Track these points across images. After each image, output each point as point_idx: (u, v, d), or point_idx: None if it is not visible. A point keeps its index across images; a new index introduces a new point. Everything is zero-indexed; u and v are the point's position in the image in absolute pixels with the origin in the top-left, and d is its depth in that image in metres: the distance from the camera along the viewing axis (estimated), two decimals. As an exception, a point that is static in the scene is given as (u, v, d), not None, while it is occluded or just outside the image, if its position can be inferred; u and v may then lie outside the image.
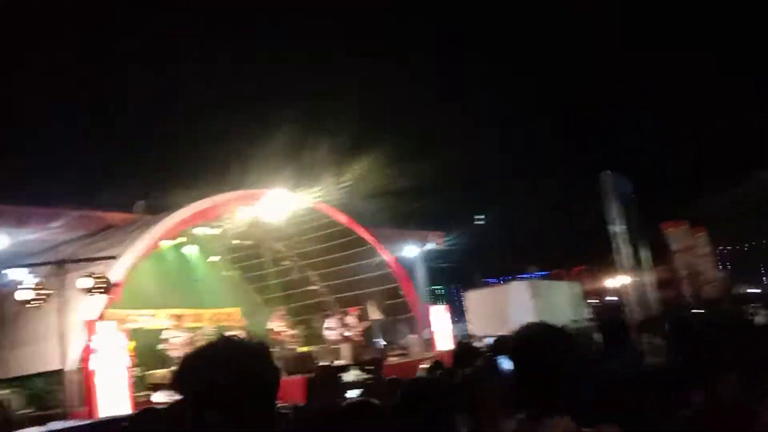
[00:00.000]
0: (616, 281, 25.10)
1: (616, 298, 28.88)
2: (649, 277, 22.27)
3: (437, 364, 6.34)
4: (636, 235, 22.29)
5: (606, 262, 27.62)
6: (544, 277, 29.38)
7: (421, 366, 6.39)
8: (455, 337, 19.08)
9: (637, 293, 21.68)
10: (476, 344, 17.09)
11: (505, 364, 3.63)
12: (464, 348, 5.80)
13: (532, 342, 2.40)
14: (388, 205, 20.28)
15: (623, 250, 21.95)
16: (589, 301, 33.01)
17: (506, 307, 23.64)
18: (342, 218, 16.56)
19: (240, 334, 9.44)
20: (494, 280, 28.99)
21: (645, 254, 22.37)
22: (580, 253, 35.26)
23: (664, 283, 23.72)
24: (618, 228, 21.86)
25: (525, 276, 27.76)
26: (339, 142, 19.03)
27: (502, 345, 4.80)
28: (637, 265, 22.03)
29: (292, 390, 11.87)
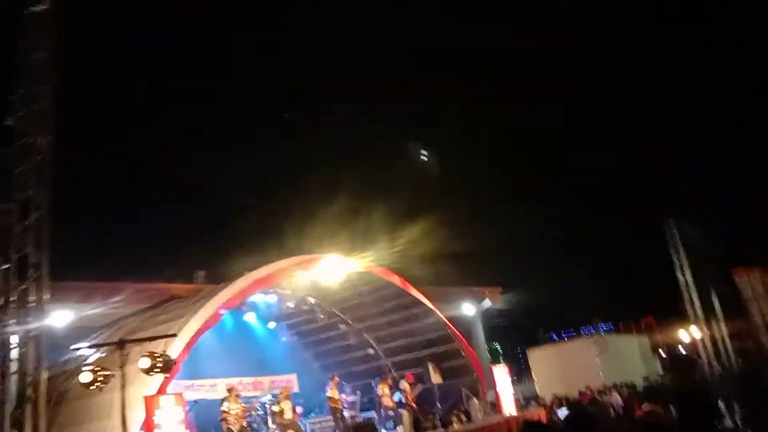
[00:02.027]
0: (688, 333, 23.86)
1: (685, 353, 27.41)
2: (724, 328, 21.10)
3: None
4: (707, 283, 21.32)
5: (676, 313, 26.36)
6: (610, 331, 28.17)
7: None
8: (517, 399, 18.38)
9: (711, 345, 20.54)
10: (538, 411, 16.36)
11: None
12: (537, 428, 4.81)
13: None
14: (445, 264, 20.11)
15: (693, 299, 20.98)
16: (660, 354, 31.43)
17: (572, 365, 22.77)
18: (395, 280, 16.46)
19: (288, 404, 9.22)
20: (558, 336, 27.95)
21: (717, 303, 21.29)
22: (648, 304, 33.76)
23: (740, 333, 22.36)
24: (687, 277, 20.98)
25: (590, 330, 26.68)
26: (393, 206, 19.18)
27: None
28: (709, 315, 20.95)
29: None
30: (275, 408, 14.15)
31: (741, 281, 32.65)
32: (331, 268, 15.29)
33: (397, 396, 16.02)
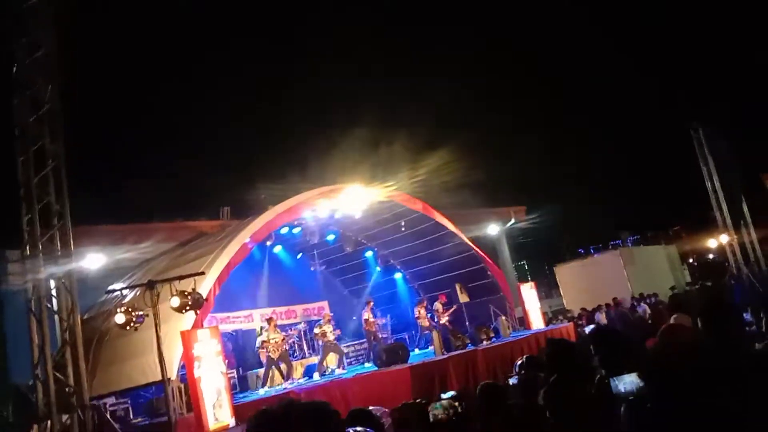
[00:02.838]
0: (717, 240, 23.67)
1: (714, 259, 27.27)
2: (753, 233, 20.85)
3: (531, 361, 5.80)
4: (735, 190, 20.93)
5: (704, 221, 26.07)
6: (636, 242, 28.08)
7: (517, 362, 5.96)
8: (545, 314, 18.67)
9: (740, 251, 20.37)
10: (566, 326, 16.61)
11: (626, 385, 3.14)
12: (560, 347, 4.60)
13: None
14: (468, 189, 19.99)
15: (722, 206, 20.68)
16: (689, 262, 31.36)
17: (599, 278, 22.91)
18: (417, 205, 16.50)
19: (329, 327, 9.56)
20: (584, 251, 27.97)
21: (746, 209, 20.96)
22: (676, 213, 33.35)
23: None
24: (715, 184, 20.60)
25: (616, 243, 26.63)
26: (415, 136, 18.92)
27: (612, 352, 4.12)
28: (737, 222, 20.68)
29: (393, 382, 12.06)
30: (317, 330, 14.65)
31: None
32: (354, 198, 15.36)
33: (427, 317, 16.44)
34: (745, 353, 3.60)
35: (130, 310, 8.50)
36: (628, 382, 3.09)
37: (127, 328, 8.51)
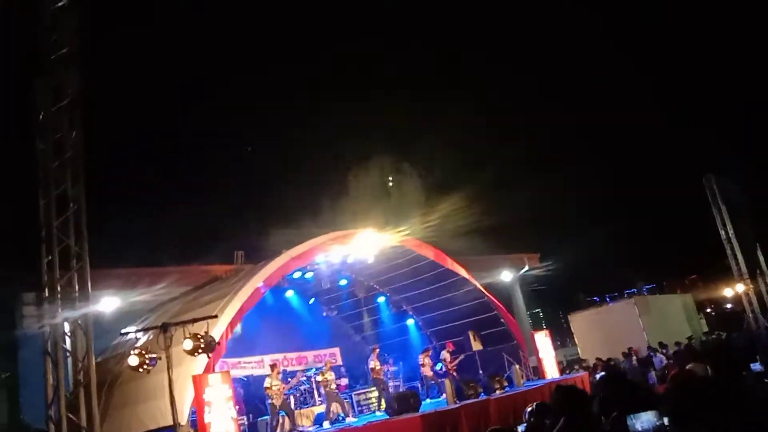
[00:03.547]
0: (733, 289, 23.38)
1: (731, 308, 26.88)
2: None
3: (542, 408, 5.72)
4: (749, 238, 20.82)
5: (720, 270, 25.81)
6: (652, 291, 27.77)
7: (527, 409, 5.89)
8: (560, 363, 18.40)
9: (756, 299, 20.10)
10: (581, 375, 16.37)
11: (643, 423, 3.18)
12: (568, 392, 4.57)
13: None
14: (480, 235, 20.02)
15: (737, 255, 20.54)
16: (706, 312, 30.89)
17: (615, 328, 22.62)
18: (430, 252, 16.56)
19: (331, 375, 9.49)
20: (599, 299, 27.69)
21: (761, 257, 20.82)
22: (692, 262, 33.03)
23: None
24: (729, 232, 20.52)
25: (632, 291, 26.35)
26: (425, 181, 19.15)
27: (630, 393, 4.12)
28: (754, 270, 20.50)
29: (405, 431, 11.88)
30: (319, 378, 14.55)
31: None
32: (366, 243, 15.50)
33: (439, 365, 16.26)
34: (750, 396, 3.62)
35: (143, 352, 8.57)
36: (645, 420, 3.12)
37: (140, 370, 8.56)
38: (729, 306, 28.78)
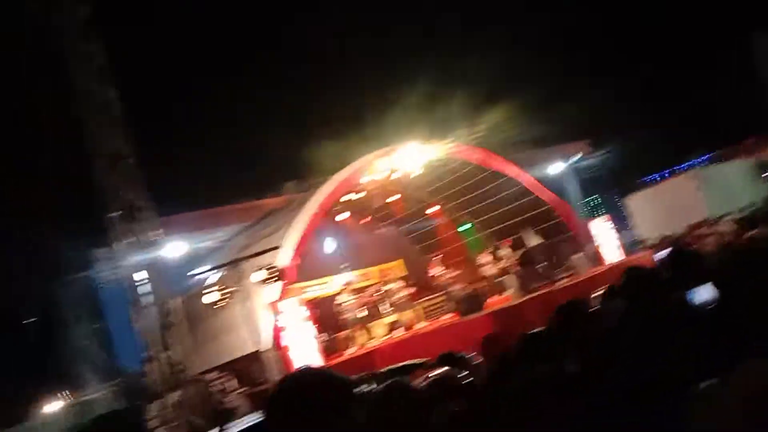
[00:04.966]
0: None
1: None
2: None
3: (612, 291, 5.74)
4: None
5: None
6: (710, 161, 26.93)
7: (594, 295, 5.92)
8: (623, 245, 18.32)
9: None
10: (644, 255, 16.33)
11: (702, 294, 3.10)
12: (635, 274, 4.54)
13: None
14: (526, 129, 19.60)
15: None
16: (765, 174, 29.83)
17: (674, 204, 22.21)
18: (477, 155, 16.44)
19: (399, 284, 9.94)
20: (655, 177, 27.08)
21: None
22: (747, 124, 31.62)
23: None
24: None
25: (688, 165, 25.66)
26: (472, 90, 18.71)
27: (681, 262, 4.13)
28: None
29: (474, 330, 12.30)
30: (388, 288, 15.09)
31: None
32: (411, 156, 15.46)
33: (495, 265, 16.52)
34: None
35: (218, 289, 9.05)
36: (703, 293, 3.13)
37: (217, 306, 9.07)
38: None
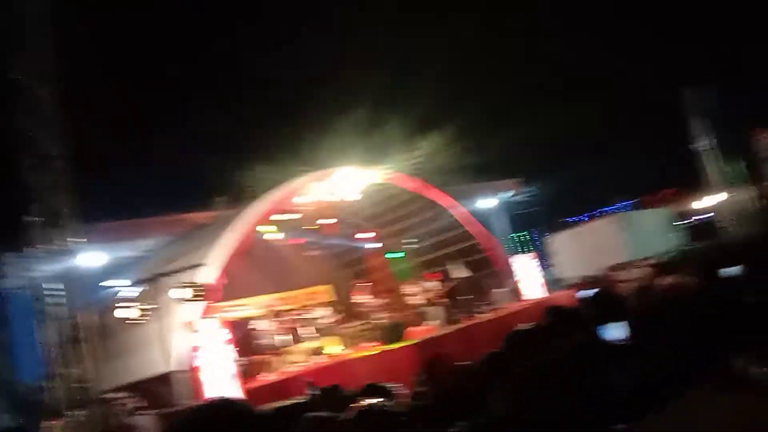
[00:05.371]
0: (710, 200, 23.84)
1: (707, 215, 27.43)
2: (750, 191, 21.02)
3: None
4: (728, 148, 21.05)
5: (698, 182, 26.23)
6: (631, 207, 28.24)
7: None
8: (542, 283, 18.83)
9: (735, 209, 20.50)
10: (565, 293, 16.83)
11: (614, 332, 3.24)
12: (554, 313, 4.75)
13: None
14: (461, 163, 20.02)
15: (714, 166, 20.79)
16: (684, 224, 31.52)
17: (595, 246, 23.07)
18: (413, 184, 16.59)
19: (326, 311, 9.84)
20: (579, 219, 28.15)
21: (738, 168, 21.13)
22: (670, 176, 33.51)
23: (763, 195, 22.28)
24: (706, 144, 20.69)
25: (610, 209, 26.82)
26: (408, 119, 18.96)
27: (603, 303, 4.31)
28: (731, 181, 20.80)
29: (395, 360, 12.23)
30: (315, 314, 14.87)
31: (760, 142, 32.13)
32: (348, 181, 15.46)
33: (421, 296, 16.62)
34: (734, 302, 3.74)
35: (134, 304, 8.62)
36: (616, 331, 3.26)
37: (132, 322, 8.63)
38: (705, 217, 29.37)
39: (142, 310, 8.55)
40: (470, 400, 3.08)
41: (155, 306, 8.22)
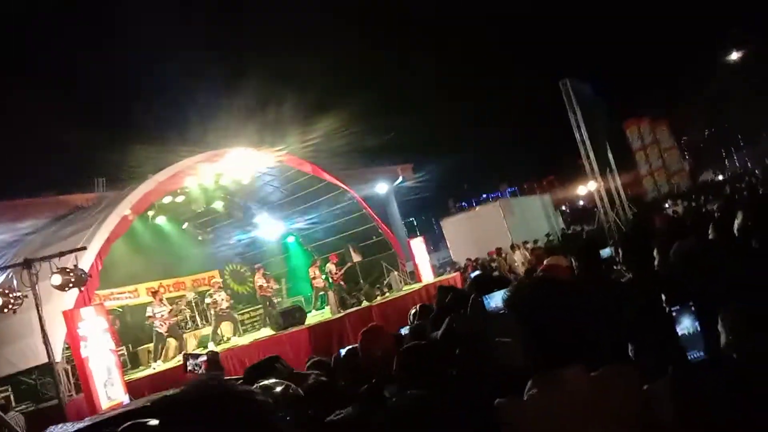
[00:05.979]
0: (586, 187, 25.48)
1: (584, 203, 29.48)
2: (618, 179, 22.59)
3: (424, 309, 6.14)
4: (601, 139, 22.44)
5: (575, 169, 27.96)
6: (514, 193, 29.71)
7: (411, 311, 6.22)
8: (434, 266, 19.41)
9: (607, 196, 21.95)
10: (454, 276, 17.47)
11: (496, 301, 3.61)
12: (449, 291, 5.45)
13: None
14: (357, 151, 20.15)
15: (589, 154, 22.08)
16: (563, 209, 33.61)
17: (482, 230, 24.09)
18: (307, 167, 16.42)
19: (220, 295, 9.57)
20: (468, 204, 29.24)
21: (610, 157, 22.64)
22: (549, 164, 35.63)
23: (632, 182, 24.16)
24: (583, 133, 21.91)
25: (496, 195, 28.07)
26: (302, 100, 18.74)
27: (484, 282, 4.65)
28: (603, 169, 22.24)
29: (293, 344, 12.17)
30: (208, 300, 14.42)
31: (632, 132, 34.77)
32: (239, 162, 14.99)
33: (324, 277, 16.63)
34: (611, 285, 4.08)
35: (6, 291, 7.96)
36: (497, 298, 3.52)
37: (5, 311, 7.97)
38: (582, 203, 31.51)
39: (15, 297, 7.91)
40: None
41: (30, 293, 7.61)
